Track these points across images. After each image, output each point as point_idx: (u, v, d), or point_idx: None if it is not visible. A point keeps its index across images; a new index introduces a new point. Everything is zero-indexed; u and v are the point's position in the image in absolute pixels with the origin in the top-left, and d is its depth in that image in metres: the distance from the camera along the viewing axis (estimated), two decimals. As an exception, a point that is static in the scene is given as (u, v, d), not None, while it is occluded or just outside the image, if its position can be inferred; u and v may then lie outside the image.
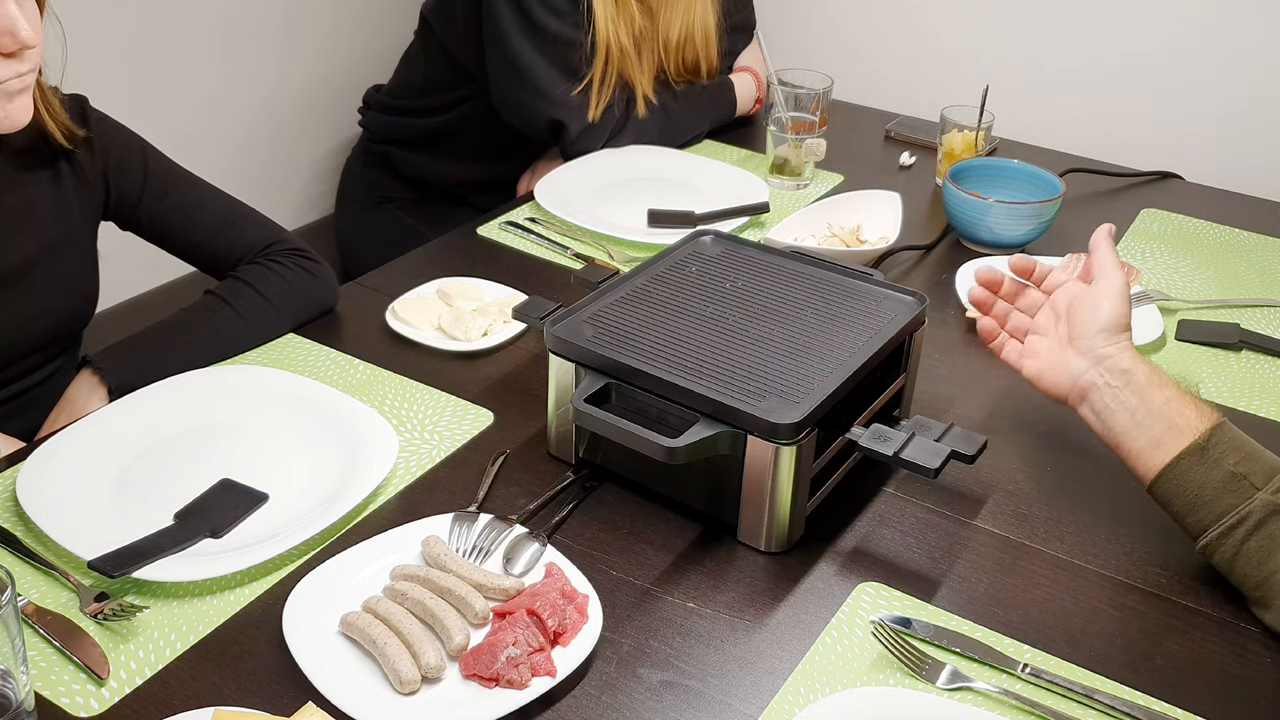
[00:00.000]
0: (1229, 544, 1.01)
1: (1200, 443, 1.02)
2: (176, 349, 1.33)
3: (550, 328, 1.17)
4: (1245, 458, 1.02)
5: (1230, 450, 1.02)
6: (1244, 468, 1.01)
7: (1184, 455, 1.03)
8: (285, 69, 2.34)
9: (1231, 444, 1.03)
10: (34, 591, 1.03)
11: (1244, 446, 1.03)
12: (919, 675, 0.97)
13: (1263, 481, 1.00)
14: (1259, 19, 1.99)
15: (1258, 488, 1.00)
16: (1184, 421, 1.04)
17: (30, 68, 1.17)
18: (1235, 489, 1.01)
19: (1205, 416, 1.04)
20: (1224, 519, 1.01)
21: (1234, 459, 1.02)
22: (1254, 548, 1.00)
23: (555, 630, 0.97)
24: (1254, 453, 1.03)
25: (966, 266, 1.60)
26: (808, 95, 1.93)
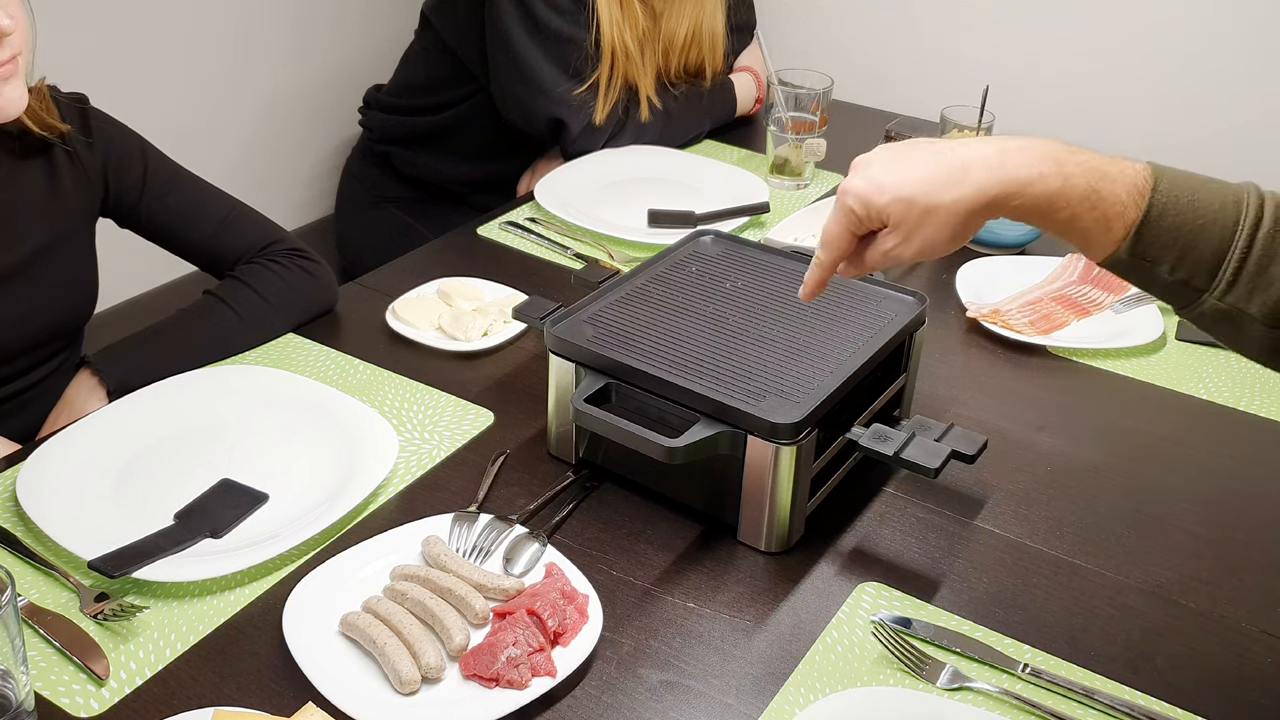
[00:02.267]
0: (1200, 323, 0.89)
1: (1123, 257, 0.86)
2: (175, 349, 1.33)
3: (550, 328, 1.17)
4: (1180, 255, 0.85)
5: (1162, 250, 0.85)
6: (1183, 271, 0.85)
7: (1112, 264, 0.88)
8: (285, 69, 2.34)
9: (1162, 237, 0.85)
10: (34, 591, 1.03)
11: (1179, 230, 0.85)
12: (919, 675, 0.97)
13: (1206, 280, 0.85)
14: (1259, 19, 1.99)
15: (1201, 290, 0.86)
16: (1101, 233, 0.87)
17: (10, 54, 1.17)
18: (1178, 297, 0.87)
19: (1130, 206, 0.86)
20: (1184, 308, 0.88)
21: (1168, 263, 0.86)
22: (1219, 334, 0.89)
23: (555, 630, 0.97)
24: (1191, 237, 0.85)
25: (967, 266, 1.61)
26: (808, 95, 1.93)
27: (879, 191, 0.90)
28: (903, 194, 0.89)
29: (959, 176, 0.88)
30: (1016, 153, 0.88)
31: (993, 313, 1.49)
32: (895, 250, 0.93)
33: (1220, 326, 0.87)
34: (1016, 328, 1.46)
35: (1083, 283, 1.57)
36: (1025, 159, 0.87)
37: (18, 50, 1.18)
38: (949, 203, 0.88)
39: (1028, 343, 1.45)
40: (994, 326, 1.47)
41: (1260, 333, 0.85)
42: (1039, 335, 1.45)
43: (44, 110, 1.29)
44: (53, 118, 1.30)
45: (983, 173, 0.87)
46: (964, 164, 0.88)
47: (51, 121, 1.30)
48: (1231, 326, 0.86)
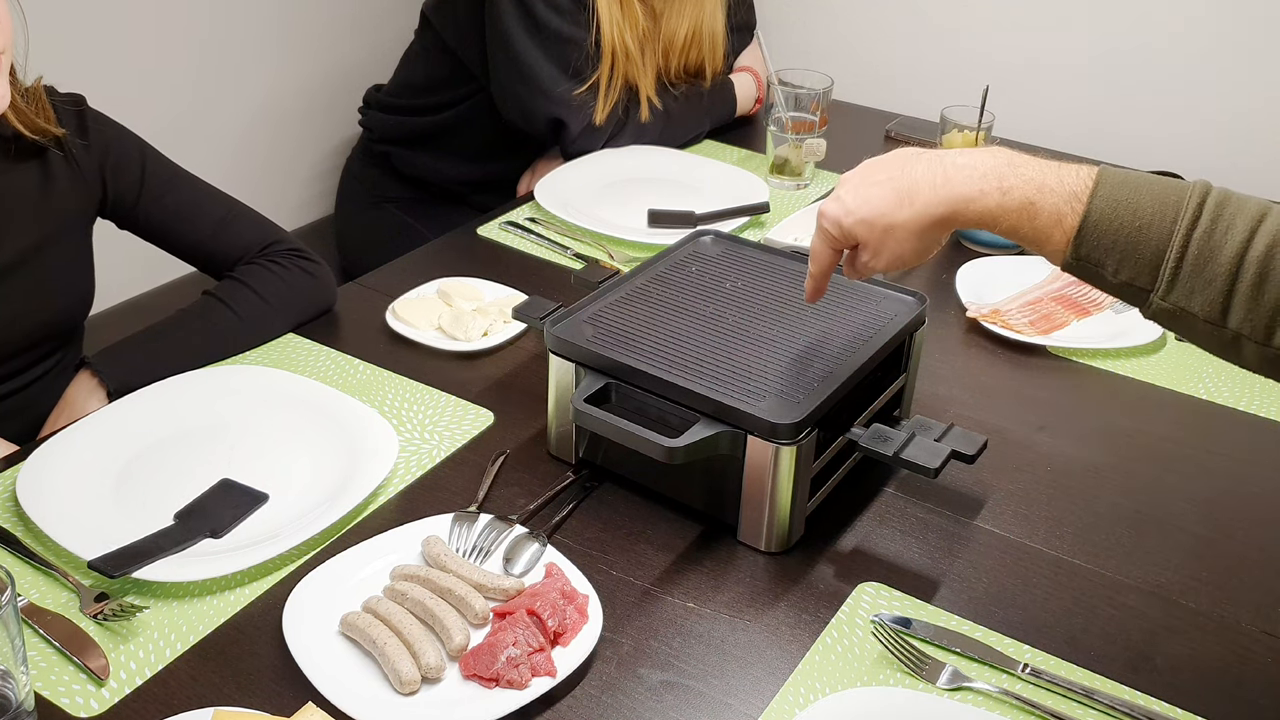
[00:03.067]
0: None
1: (1070, 263, 0.89)
2: (175, 350, 1.33)
3: (550, 328, 1.17)
4: (1122, 258, 0.87)
5: (1104, 253, 0.87)
6: (1126, 273, 0.87)
7: (1066, 269, 0.90)
8: (285, 69, 2.34)
9: (1102, 241, 0.87)
10: (34, 591, 1.03)
11: (1117, 234, 0.86)
12: (919, 675, 0.97)
13: (1149, 281, 0.86)
14: (1259, 18, 1.99)
15: (1146, 291, 0.87)
16: (1054, 236, 0.89)
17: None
18: (1129, 298, 0.89)
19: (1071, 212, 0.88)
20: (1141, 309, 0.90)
21: (1111, 266, 0.87)
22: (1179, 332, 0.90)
23: (555, 630, 0.97)
24: (1130, 240, 0.86)
25: (966, 266, 1.61)
26: (808, 95, 1.93)
27: (846, 214, 0.99)
28: (864, 215, 0.98)
29: (909, 198, 0.95)
30: (960, 170, 0.93)
31: (993, 313, 1.49)
32: (870, 263, 1.02)
33: (1175, 325, 0.89)
34: (1016, 328, 1.46)
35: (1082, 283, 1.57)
36: (967, 177, 0.93)
37: (2, 48, 1.18)
38: (903, 221, 0.96)
39: (1028, 343, 1.45)
40: (994, 326, 1.47)
41: (1207, 330, 0.87)
42: (1039, 335, 1.45)
43: (39, 113, 1.28)
44: (48, 121, 1.30)
45: (929, 193, 0.94)
46: (912, 185, 0.96)
47: (46, 126, 1.29)
48: (1183, 326, 0.88)
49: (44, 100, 1.30)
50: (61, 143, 1.32)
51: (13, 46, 1.21)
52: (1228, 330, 0.85)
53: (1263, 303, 0.83)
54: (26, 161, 1.31)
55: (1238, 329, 0.85)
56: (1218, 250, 0.84)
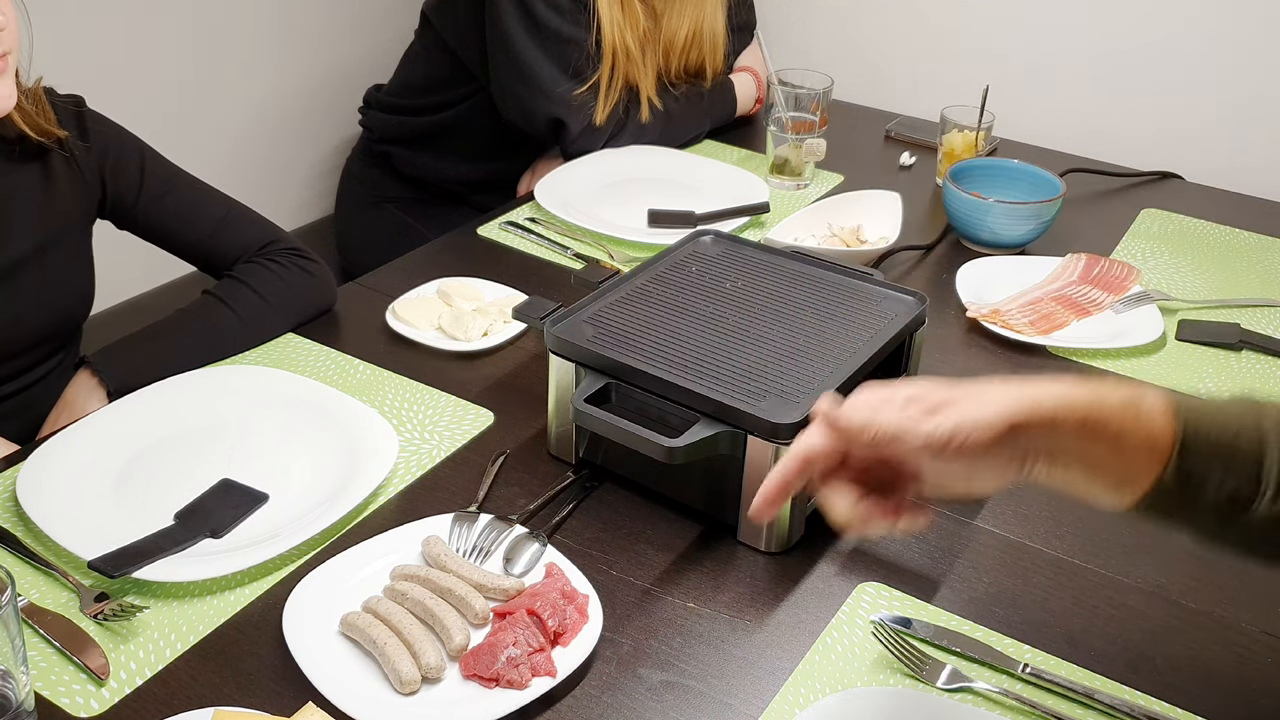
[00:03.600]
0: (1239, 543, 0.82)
1: (1167, 482, 0.79)
2: (174, 349, 1.33)
3: (550, 328, 1.17)
4: (1225, 465, 0.79)
5: (1206, 462, 0.79)
6: (1230, 484, 0.79)
7: (1154, 497, 0.79)
8: (285, 69, 2.34)
9: (1201, 453, 0.79)
10: (34, 591, 1.03)
11: (1216, 449, 0.79)
12: (919, 675, 0.97)
13: (1252, 488, 0.79)
14: (1259, 18, 1.99)
15: (1253, 499, 0.79)
16: (1144, 455, 0.79)
17: (4, 50, 1.17)
18: (1227, 510, 0.80)
19: (1163, 429, 0.79)
20: (1227, 531, 0.81)
21: (1217, 476, 0.79)
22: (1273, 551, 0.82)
23: (555, 630, 0.97)
24: (1230, 450, 0.80)
25: (967, 266, 1.61)
26: (808, 95, 1.93)
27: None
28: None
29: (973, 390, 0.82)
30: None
31: (993, 313, 1.49)
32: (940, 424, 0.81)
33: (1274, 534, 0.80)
34: (1016, 328, 1.46)
35: (1083, 283, 1.57)
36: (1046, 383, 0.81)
37: (8, 48, 1.18)
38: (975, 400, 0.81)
39: (1028, 343, 1.45)
40: (994, 326, 1.47)
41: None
42: (1039, 335, 1.45)
43: (40, 115, 1.29)
44: (49, 122, 1.30)
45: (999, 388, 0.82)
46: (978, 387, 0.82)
47: (49, 128, 1.29)
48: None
49: (44, 101, 1.30)
50: (63, 144, 1.32)
51: (18, 48, 1.21)
52: None
53: None
54: (29, 163, 1.31)
55: None
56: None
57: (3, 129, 1.26)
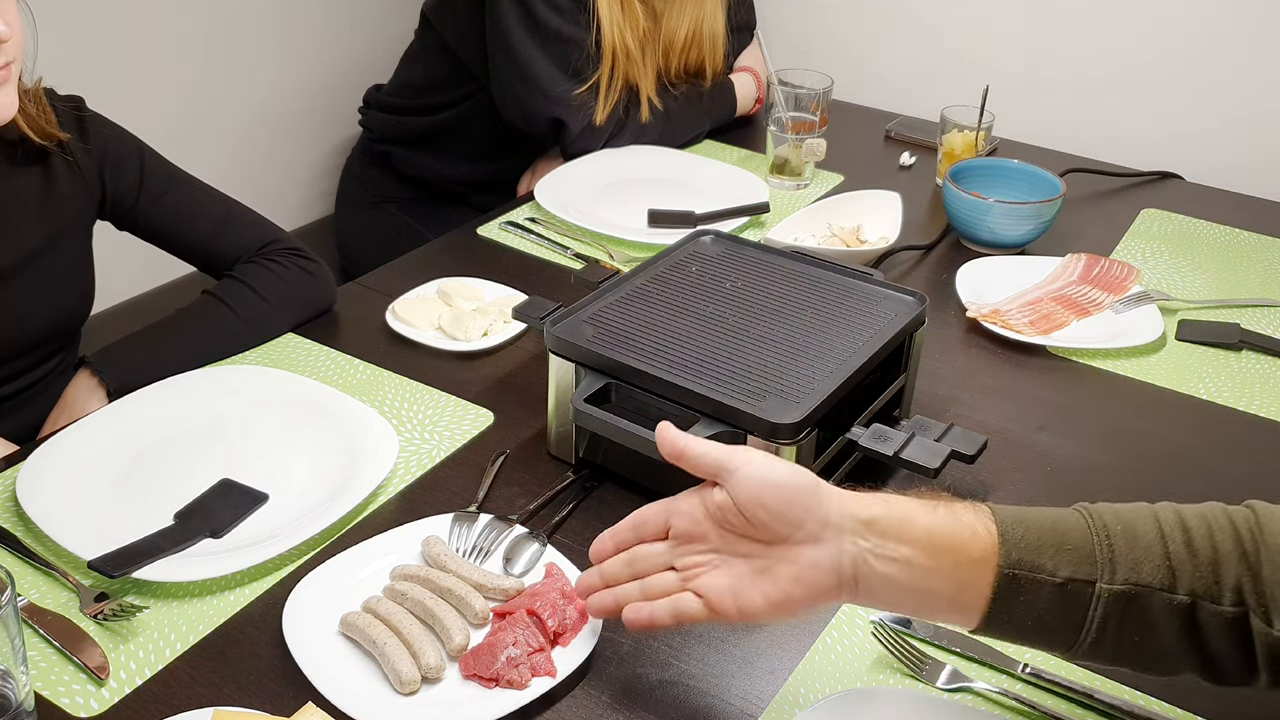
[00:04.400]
0: (1103, 652, 0.80)
1: (1005, 569, 0.78)
2: (175, 349, 1.33)
3: (550, 328, 1.17)
4: (1055, 552, 0.79)
5: (1035, 552, 0.79)
6: (1065, 569, 0.78)
7: (996, 596, 0.79)
8: (285, 69, 2.34)
9: (1028, 542, 0.79)
10: (34, 591, 1.03)
11: (1042, 536, 0.79)
12: (919, 675, 0.97)
13: (1088, 569, 0.78)
14: (1259, 18, 1.99)
15: (1092, 581, 0.78)
16: (970, 541, 0.79)
17: (7, 60, 1.17)
18: (1070, 599, 0.78)
19: (980, 519, 0.80)
20: (1080, 633, 0.79)
21: (1049, 564, 0.78)
22: (1129, 641, 0.79)
23: (555, 630, 0.97)
24: (1051, 534, 0.80)
25: (966, 266, 1.61)
26: (808, 95, 1.93)
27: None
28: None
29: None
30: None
31: (993, 313, 1.49)
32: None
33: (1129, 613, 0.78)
34: (1016, 328, 1.46)
35: (1083, 283, 1.57)
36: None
37: (12, 58, 1.18)
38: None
39: (1028, 343, 1.45)
40: (994, 326, 1.47)
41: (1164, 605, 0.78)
42: (1039, 335, 1.45)
43: (42, 117, 1.29)
44: (51, 124, 1.30)
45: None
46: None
47: (51, 130, 1.30)
48: (1138, 610, 0.78)
49: (45, 103, 1.30)
50: (64, 146, 1.32)
51: (21, 57, 1.21)
52: (1180, 596, 0.77)
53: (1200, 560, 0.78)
54: (30, 165, 1.31)
55: (1190, 590, 0.77)
56: (1137, 525, 0.79)
57: (4, 131, 1.26)
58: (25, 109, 1.26)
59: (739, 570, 0.83)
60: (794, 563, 0.81)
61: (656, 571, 0.87)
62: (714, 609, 0.84)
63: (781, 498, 0.81)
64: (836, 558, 0.80)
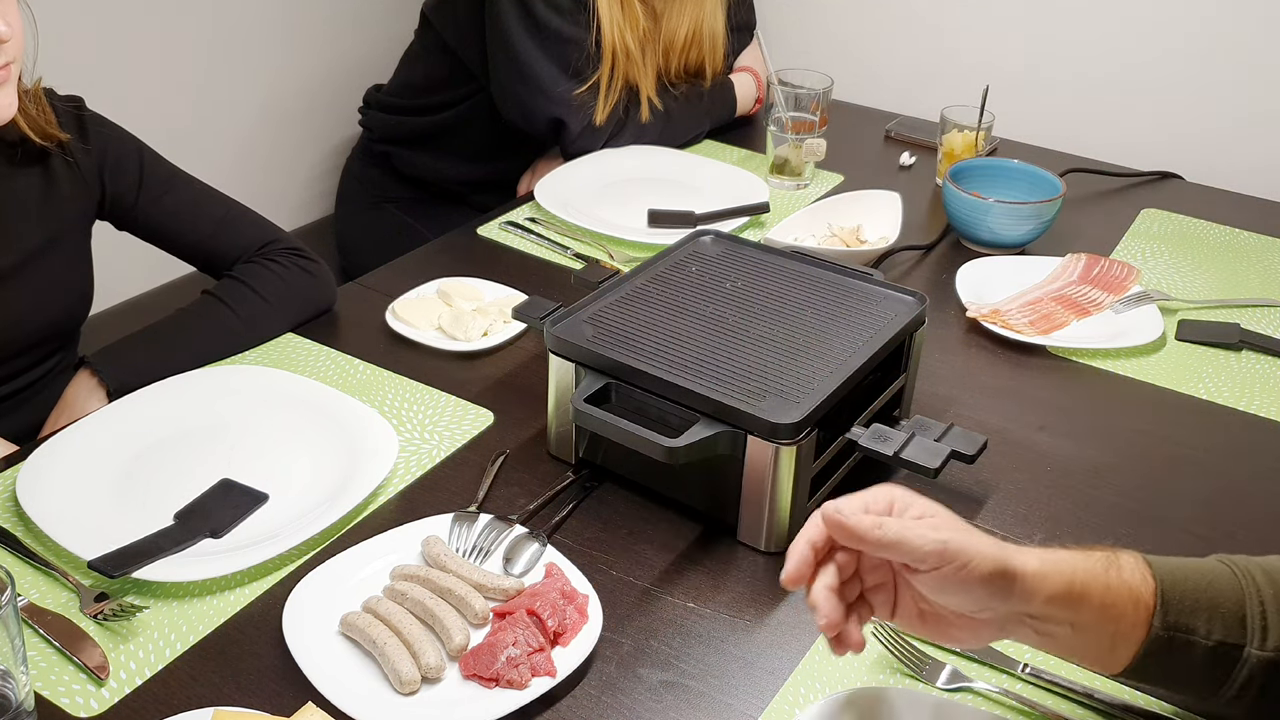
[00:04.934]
0: (1237, 710, 0.81)
1: (1160, 631, 0.79)
2: (174, 349, 1.33)
3: (550, 328, 1.17)
4: (1210, 615, 0.79)
5: (1191, 614, 0.79)
6: (1218, 633, 0.79)
7: (1145, 654, 0.79)
8: (285, 69, 2.34)
9: (1184, 604, 0.79)
10: (34, 591, 1.03)
11: (1198, 598, 0.80)
12: (919, 675, 0.97)
13: (1239, 633, 0.79)
14: (1259, 19, 1.99)
15: (1241, 646, 0.79)
16: (1132, 609, 0.79)
17: (7, 60, 1.17)
18: (1220, 661, 0.79)
19: (1142, 578, 0.80)
20: (1220, 689, 0.80)
21: (1203, 627, 0.79)
22: (1270, 704, 0.80)
23: (555, 630, 0.97)
24: (1206, 594, 0.80)
25: (966, 266, 1.60)
26: (808, 95, 1.93)
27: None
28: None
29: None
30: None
31: (993, 313, 1.49)
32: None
33: (1276, 680, 0.79)
34: (1016, 328, 1.46)
35: (1083, 283, 1.57)
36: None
37: (12, 58, 1.18)
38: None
39: (1028, 343, 1.45)
40: (994, 326, 1.47)
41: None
42: (1039, 335, 1.45)
43: (42, 117, 1.29)
44: (51, 125, 1.30)
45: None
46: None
47: (51, 131, 1.30)
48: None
49: (45, 103, 1.30)
50: (64, 146, 1.32)
51: (22, 58, 1.21)
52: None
53: None
54: (30, 166, 1.31)
55: None
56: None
57: (4, 132, 1.26)
58: (25, 109, 1.26)
59: (908, 610, 0.83)
60: (965, 629, 0.81)
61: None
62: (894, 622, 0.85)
63: (979, 606, 0.79)
64: (1004, 624, 0.80)
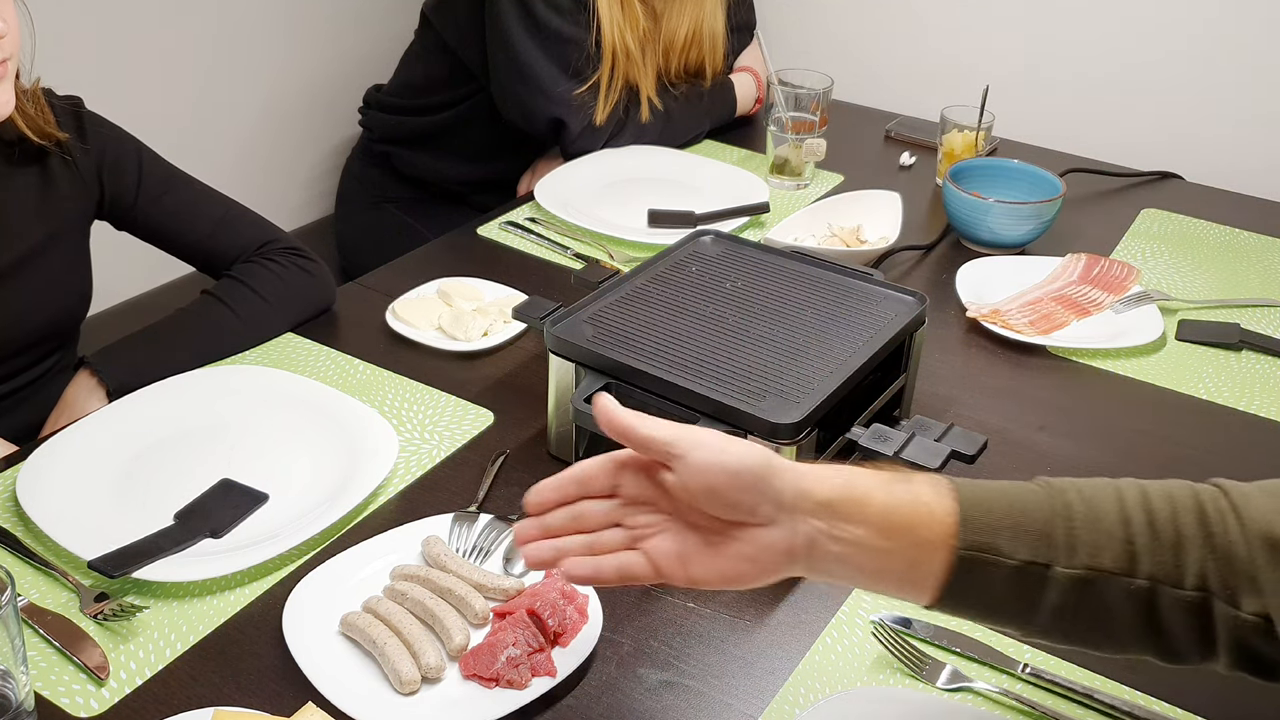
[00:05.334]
0: (1056, 632, 0.79)
1: (961, 551, 0.76)
2: (174, 349, 1.33)
3: (550, 328, 1.17)
4: (1014, 534, 0.77)
5: (993, 533, 0.77)
6: (1024, 552, 0.76)
7: (950, 578, 0.77)
8: (285, 69, 2.34)
9: (987, 523, 0.77)
10: (34, 591, 1.03)
11: (1002, 516, 0.77)
12: (919, 675, 0.97)
13: (1047, 552, 0.76)
14: (1260, 19, 1.99)
15: (1048, 565, 0.76)
16: (926, 522, 0.77)
17: (4, 57, 1.17)
18: (1026, 580, 0.77)
19: (939, 497, 0.78)
20: (1034, 614, 0.77)
21: (1007, 545, 0.76)
22: (1083, 624, 0.78)
23: (555, 630, 0.97)
24: (1010, 514, 0.77)
25: (966, 266, 1.60)
26: (808, 95, 1.93)
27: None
28: None
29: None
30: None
31: (993, 313, 1.49)
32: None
33: (1084, 600, 0.76)
34: (1016, 328, 1.46)
35: (1083, 283, 1.57)
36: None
37: (9, 55, 1.18)
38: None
39: (1028, 343, 1.45)
40: (994, 326, 1.47)
41: (1121, 589, 0.76)
42: (1039, 335, 1.45)
43: (40, 116, 1.29)
44: (49, 124, 1.30)
45: None
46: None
47: (50, 130, 1.30)
48: (1093, 596, 0.76)
49: (44, 103, 1.30)
50: (62, 145, 1.32)
51: (19, 54, 1.21)
52: (1139, 580, 0.76)
53: (1162, 542, 0.76)
54: (28, 165, 1.31)
55: (1150, 575, 0.75)
56: (1100, 504, 0.77)
57: (2, 131, 1.26)
58: (24, 108, 1.26)
59: (690, 540, 0.80)
60: (747, 543, 0.79)
61: (602, 528, 0.83)
62: (661, 573, 0.80)
63: (735, 484, 0.78)
64: (790, 539, 0.78)
